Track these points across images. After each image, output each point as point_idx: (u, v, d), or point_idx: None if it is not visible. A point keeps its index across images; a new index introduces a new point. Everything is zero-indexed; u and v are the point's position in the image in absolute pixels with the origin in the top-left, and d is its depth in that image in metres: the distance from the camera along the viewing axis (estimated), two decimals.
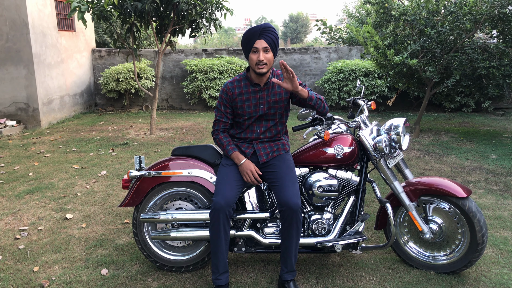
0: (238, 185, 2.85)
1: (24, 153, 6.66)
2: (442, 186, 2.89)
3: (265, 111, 2.91)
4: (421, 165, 5.60)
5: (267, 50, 2.77)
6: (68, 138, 7.62)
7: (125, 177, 3.16)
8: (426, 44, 6.59)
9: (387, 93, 9.35)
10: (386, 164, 2.99)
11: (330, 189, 2.94)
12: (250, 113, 2.92)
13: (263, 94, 2.91)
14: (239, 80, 2.95)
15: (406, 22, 6.75)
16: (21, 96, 8.51)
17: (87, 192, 4.85)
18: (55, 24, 9.17)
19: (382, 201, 2.99)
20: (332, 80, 9.67)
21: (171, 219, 3.01)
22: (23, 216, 4.20)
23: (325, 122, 2.97)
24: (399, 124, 2.97)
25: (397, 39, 6.97)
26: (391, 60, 6.60)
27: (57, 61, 9.25)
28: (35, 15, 8.40)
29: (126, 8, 6.74)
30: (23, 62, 8.35)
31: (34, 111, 8.55)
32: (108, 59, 11.01)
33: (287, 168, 2.87)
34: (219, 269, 2.78)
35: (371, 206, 4.26)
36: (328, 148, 2.98)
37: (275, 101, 2.92)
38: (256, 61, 2.76)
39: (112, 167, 5.78)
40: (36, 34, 8.42)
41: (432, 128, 7.96)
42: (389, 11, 6.97)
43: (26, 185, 5.13)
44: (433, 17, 6.58)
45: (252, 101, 2.92)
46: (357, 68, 9.55)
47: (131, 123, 9.05)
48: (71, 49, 9.91)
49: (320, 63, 10.67)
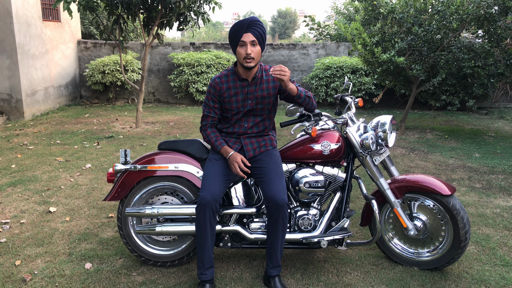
0: (225, 180, 2.83)
1: (7, 145, 6.54)
2: (427, 184, 2.92)
3: (253, 106, 2.89)
4: (406, 163, 5.65)
5: (255, 44, 2.74)
6: (52, 130, 7.51)
7: (110, 171, 3.13)
8: (413, 42, 6.64)
9: (374, 90, 9.41)
10: (372, 161, 3.01)
11: (316, 185, 2.95)
12: (238, 108, 2.90)
13: (251, 89, 2.89)
14: (227, 75, 2.93)
15: (394, 20, 6.79)
16: (3, 86, 8.35)
17: (71, 185, 4.79)
18: (40, 14, 9.00)
19: (367, 198, 3.01)
20: (320, 76, 9.70)
21: (157, 213, 2.99)
22: (5, 209, 4.13)
23: (313, 119, 2.98)
24: (386, 122, 3.00)
25: (384, 36, 7.01)
26: (378, 58, 6.64)
27: (41, 51, 9.09)
28: (19, 4, 8.23)
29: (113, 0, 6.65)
30: (6, 52, 8.18)
31: (18, 102, 8.40)
32: (94, 51, 10.86)
33: (274, 163, 2.86)
34: (205, 264, 2.77)
35: (357, 202, 4.29)
36: (315, 145, 2.99)
37: (263, 97, 2.90)
38: (244, 55, 2.73)
39: (97, 160, 5.71)
40: (20, 24, 8.25)
41: (418, 126, 8.04)
42: (377, 9, 7.00)
43: (9, 177, 5.04)
44: (421, 16, 6.63)
45: (240, 96, 2.89)
46: (344, 65, 9.59)
47: (117, 116, 8.95)
48: (56, 40, 9.75)
49: (308, 59, 10.69)
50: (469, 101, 7.27)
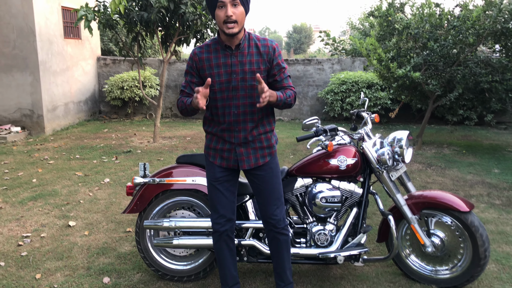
0: (231, 199, 2.66)
1: (28, 159, 6.69)
2: (445, 200, 2.90)
3: (239, 82, 2.46)
4: (423, 178, 5.60)
5: (236, 4, 2.32)
6: (71, 145, 7.65)
7: (129, 184, 3.19)
8: (429, 57, 6.63)
9: (389, 105, 9.38)
10: (389, 177, 3.01)
11: (333, 200, 2.96)
12: (221, 83, 2.46)
13: (236, 60, 2.45)
14: (209, 45, 2.51)
15: (409, 36, 6.80)
16: (26, 102, 8.56)
17: (90, 199, 4.87)
18: (62, 32, 9.26)
19: (384, 214, 3.00)
20: (335, 91, 9.71)
21: (174, 226, 3.03)
22: (26, 223, 4.22)
23: (329, 133, 3.00)
24: (403, 137, 3.00)
25: (400, 52, 7.01)
26: (394, 73, 6.64)
27: (62, 68, 9.32)
28: (42, 23, 8.49)
29: (132, 18, 6.81)
30: (29, 69, 8.42)
31: (39, 118, 8.60)
32: (113, 67, 11.09)
33: (272, 179, 2.63)
34: (228, 282, 2.75)
35: (373, 218, 4.27)
36: (332, 159, 3.00)
37: (252, 71, 2.45)
38: (223, 17, 2.32)
39: (115, 174, 5.80)
40: (42, 41, 8.50)
41: (435, 141, 7.97)
42: (392, 24, 7.02)
43: (30, 191, 5.15)
44: (436, 31, 6.63)
45: (223, 68, 2.45)
46: (360, 80, 9.59)
47: (135, 131, 9.09)
48: (77, 56, 9.99)
49: (323, 74, 10.72)
50: (487, 115, 7.19)
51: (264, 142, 2.61)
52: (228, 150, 2.58)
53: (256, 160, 2.59)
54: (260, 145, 2.60)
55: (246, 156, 2.58)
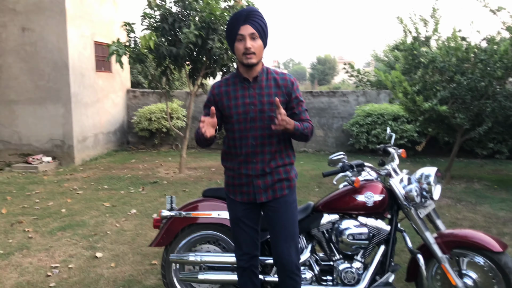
0: (255, 237, 2.64)
1: (58, 189, 6.86)
2: (476, 239, 2.82)
3: (257, 114, 2.48)
4: (453, 214, 5.46)
5: (255, 37, 2.40)
6: (100, 176, 7.82)
7: (156, 216, 3.23)
8: (456, 90, 6.57)
9: (416, 137, 9.27)
10: (417, 214, 2.95)
11: (360, 238, 2.91)
12: (238, 114, 2.49)
13: (254, 92, 2.49)
14: (228, 79, 2.60)
15: (435, 69, 6.78)
16: (57, 133, 8.85)
17: (117, 230, 4.93)
18: (94, 65, 9.62)
19: (413, 252, 2.93)
20: (360, 123, 9.69)
21: (200, 261, 3.04)
22: (55, 253, 4.29)
23: (356, 169, 2.98)
24: (431, 174, 2.95)
25: (426, 85, 6.98)
26: (420, 106, 6.59)
27: (93, 100, 9.63)
28: (76, 57, 8.85)
29: (162, 52, 7.04)
30: (61, 101, 8.73)
31: (69, 148, 8.85)
32: (141, 99, 11.39)
33: (287, 215, 2.56)
34: None
35: (401, 255, 4.16)
36: (359, 195, 2.97)
37: (270, 103, 2.48)
38: (242, 50, 2.39)
39: (141, 206, 5.87)
40: (75, 75, 8.84)
41: (464, 175, 7.79)
42: (417, 58, 7.02)
43: (59, 221, 5.25)
44: (463, 64, 6.59)
45: (241, 100, 2.49)
46: (385, 112, 9.55)
47: (161, 161, 9.22)
48: (107, 89, 10.32)
49: (348, 106, 10.73)
50: None
51: (283, 174, 2.58)
52: (247, 184, 2.56)
53: (274, 192, 2.55)
54: (278, 177, 2.56)
55: (264, 189, 2.54)
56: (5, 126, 9.01)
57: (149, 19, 7.33)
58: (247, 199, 2.58)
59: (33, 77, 8.75)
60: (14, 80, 8.82)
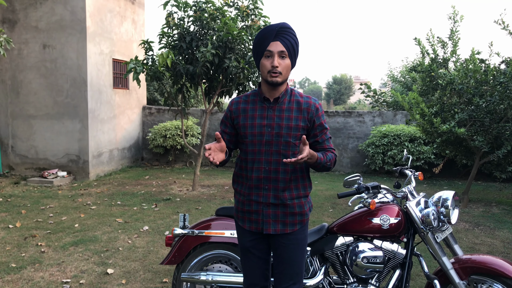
0: (264, 264, 2.48)
1: (72, 204, 6.89)
2: (495, 266, 2.73)
3: (274, 137, 2.32)
4: (471, 239, 5.33)
5: (284, 56, 2.26)
6: (113, 191, 7.85)
7: (167, 234, 3.20)
8: (474, 113, 6.48)
9: (433, 159, 9.14)
10: (434, 238, 2.88)
11: (375, 261, 2.85)
12: (253, 135, 2.33)
13: (273, 114, 2.33)
14: (248, 95, 2.45)
15: (453, 91, 6.71)
16: (73, 148, 8.94)
17: (129, 247, 4.91)
18: (111, 82, 9.76)
19: (430, 277, 2.85)
20: (376, 144, 9.60)
21: (211, 280, 2.99)
22: (67, 268, 4.28)
23: (371, 191, 2.93)
24: (448, 197, 2.88)
25: (444, 107, 6.91)
26: (437, 128, 6.51)
27: (109, 116, 9.74)
28: (94, 74, 9.00)
29: (179, 71, 7.12)
30: (78, 117, 8.85)
31: (84, 163, 8.93)
32: (157, 116, 11.49)
33: (295, 253, 2.39)
34: None
35: (417, 280, 4.05)
36: (374, 218, 2.92)
37: (289, 127, 2.32)
38: (269, 67, 2.24)
39: (154, 222, 5.86)
40: (93, 91, 8.97)
41: (482, 199, 7.63)
42: (435, 79, 6.97)
43: (72, 236, 5.26)
44: (482, 87, 6.52)
45: (258, 120, 2.34)
46: (402, 133, 9.46)
47: (175, 178, 9.24)
48: (124, 105, 10.45)
49: (364, 127, 10.66)
50: None
51: (296, 208, 2.39)
52: (256, 212, 2.38)
53: (284, 226, 2.36)
54: (292, 210, 2.37)
55: (273, 219, 2.36)
56: (22, 140, 9.15)
57: (167, 37, 7.45)
58: (255, 228, 2.40)
59: (52, 93, 8.92)
60: (34, 95, 9.00)
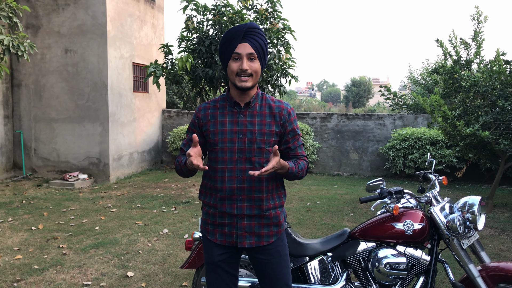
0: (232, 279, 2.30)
1: (93, 206, 6.96)
2: None
3: (246, 144, 2.18)
4: (496, 245, 5.18)
5: (253, 58, 2.14)
6: (133, 194, 7.91)
7: (187, 237, 3.19)
8: (499, 115, 6.32)
9: (455, 163, 8.96)
10: (459, 245, 2.79)
11: (398, 267, 2.78)
12: (224, 142, 2.18)
13: (244, 119, 2.20)
14: (215, 101, 2.29)
15: (477, 93, 6.56)
16: (94, 151, 9.06)
17: (149, 250, 4.93)
18: (131, 86, 9.86)
19: (455, 285, 2.77)
20: (397, 147, 9.46)
21: None
22: (88, 271, 4.31)
23: (395, 196, 2.87)
24: (475, 203, 2.80)
25: (467, 109, 6.76)
26: (460, 131, 6.37)
27: (129, 120, 9.84)
28: (114, 78, 9.11)
29: (198, 74, 7.14)
30: (99, 120, 8.96)
31: (105, 166, 9.03)
32: (176, 119, 11.56)
33: (278, 265, 2.28)
34: None
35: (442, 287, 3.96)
36: (397, 223, 2.85)
37: (262, 133, 2.20)
38: (236, 70, 2.13)
39: (173, 225, 5.87)
40: (113, 95, 9.08)
41: (507, 204, 7.43)
42: (458, 82, 6.83)
43: (92, 239, 5.31)
44: (507, 89, 6.35)
45: (228, 126, 2.20)
46: (423, 137, 9.30)
47: (194, 181, 9.26)
48: (143, 109, 10.54)
49: (384, 130, 10.53)
50: None
51: (272, 219, 2.26)
52: (230, 224, 2.22)
53: (259, 238, 2.23)
54: (267, 221, 2.25)
55: (248, 232, 2.22)
56: (44, 144, 9.31)
57: (186, 41, 7.48)
58: (228, 242, 2.23)
59: (73, 97, 9.05)
60: (55, 99, 9.15)
